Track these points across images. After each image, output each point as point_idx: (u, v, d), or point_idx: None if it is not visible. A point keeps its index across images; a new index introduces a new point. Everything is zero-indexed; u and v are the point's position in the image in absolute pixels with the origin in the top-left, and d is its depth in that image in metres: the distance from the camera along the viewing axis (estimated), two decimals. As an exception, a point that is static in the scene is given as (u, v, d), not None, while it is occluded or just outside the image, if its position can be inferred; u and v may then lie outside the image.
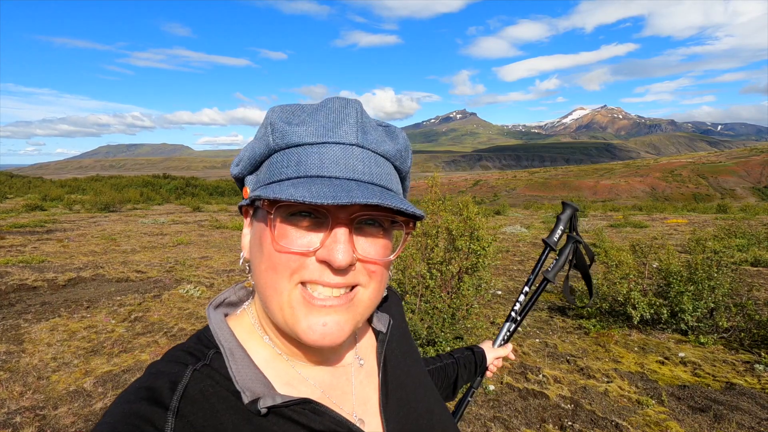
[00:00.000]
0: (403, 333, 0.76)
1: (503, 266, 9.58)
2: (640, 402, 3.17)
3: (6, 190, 38.55)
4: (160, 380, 0.49)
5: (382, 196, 0.46)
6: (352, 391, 0.61)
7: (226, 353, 0.53)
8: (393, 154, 0.55)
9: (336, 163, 0.48)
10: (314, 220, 0.49)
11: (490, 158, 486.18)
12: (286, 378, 0.55)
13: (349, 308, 0.51)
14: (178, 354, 0.54)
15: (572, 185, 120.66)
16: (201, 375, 0.51)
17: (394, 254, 0.54)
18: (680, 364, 4.03)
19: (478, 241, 5.13)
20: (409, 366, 0.71)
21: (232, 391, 0.50)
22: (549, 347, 4.41)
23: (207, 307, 0.61)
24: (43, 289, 6.35)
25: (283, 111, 0.53)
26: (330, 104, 0.53)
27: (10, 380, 3.43)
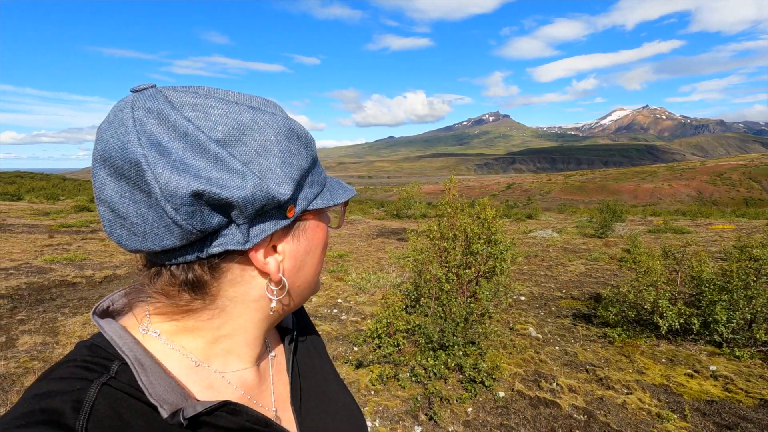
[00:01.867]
0: (306, 329, 0.78)
1: (530, 271, 9.34)
2: (660, 416, 3.00)
3: (59, 192, 41.19)
4: (58, 400, 0.42)
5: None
6: (269, 387, 0.62)
7: (134, 364, 0.47)
8: None
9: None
10: None
11: (524, 161, 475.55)
12: (207, 382, 0.53)
13: None
14: (71, 370, 0.46)
15: (611, 189, 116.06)
16: (110, 389, 0.45)
17: (340, 224, 0.63)
18: (711, 377, 3.79)
19: (495, 244, 5.03)
20: (314, 361, 0.74)
21: (147, 403, 0.46)
22: (568, 355, 4.26)
23: (91, 316, 0.54)
24: (81, 285, 6.74)
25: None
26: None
27: (43, 369, 3.66)
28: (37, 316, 5.15)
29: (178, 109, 0.42)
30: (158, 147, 0.40)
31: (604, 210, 25.09)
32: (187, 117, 0.41)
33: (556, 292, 7.22)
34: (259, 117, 0.46)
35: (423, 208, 24.29)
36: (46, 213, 20.09)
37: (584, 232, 18.26)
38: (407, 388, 3.38)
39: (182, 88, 0.44)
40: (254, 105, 0.47)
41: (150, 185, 0.40)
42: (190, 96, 0.43)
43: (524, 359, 4.07)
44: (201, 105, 0.43)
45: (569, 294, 7.08)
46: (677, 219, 25.12)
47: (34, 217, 17.76)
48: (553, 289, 7.46)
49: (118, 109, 0.42)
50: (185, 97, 0.43)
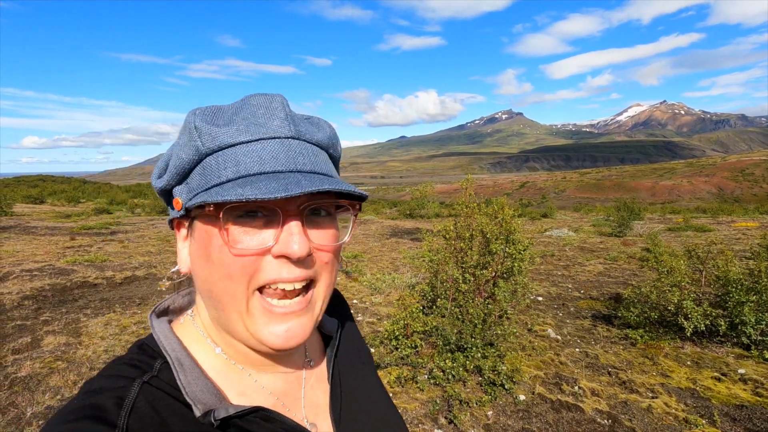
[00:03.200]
0: (352, 337, 0.76)
1: (546, 271, 9.21)
2: (688, 421, 2.91)
3: (79, 195, 42.18)
4: (102, 397, 0.46)
5: (330, 183, 0.46)
6: (305, 395, 0.61)
7: (174, 363, 0.51)
8: (326, 142, 0.55)
9: (276, 158, 0.48)
10: (264, 219, 0.48)
11: (538, 159, 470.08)
12: (240, 387, 0.55)
13: (307, 310, 0.51)
14: (119, 368, 0.51)
15: (627, 186, 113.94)
16: (150, 388, 0.48)
17: (346, 237, 0.54)
18: (739, 381, 3.67)
19: (513, 244, 4.96)
20: (358, 370, 0.70)
21: (183, 403, 0.49)
22: (589, 357, 4.17)
23: (149, 314, 0.58)
24: (102, 286, 6.87)
25: (204, 114, 0.51)
26: (253, 101, 0.52)
27: (67, 370, 3.73)
28: (60, 316, 5.26)
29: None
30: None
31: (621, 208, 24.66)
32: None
33: (574, 293, 7.10)
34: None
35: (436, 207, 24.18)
36: (68, 215, 20.59)
37: (601, 230, 17.97)
38: (426, 390, 3.34)
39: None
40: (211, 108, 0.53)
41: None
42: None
43: (544, 361, 4.00)
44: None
45: (588, 294, 6.95)
46: (697, 217, 24.53)
47: (56, 220, 18.22)
48: (571, 290, 7.33)
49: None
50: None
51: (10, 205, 19.71)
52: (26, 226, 15.11)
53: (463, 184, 5.19)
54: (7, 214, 18.77)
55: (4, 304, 5.68)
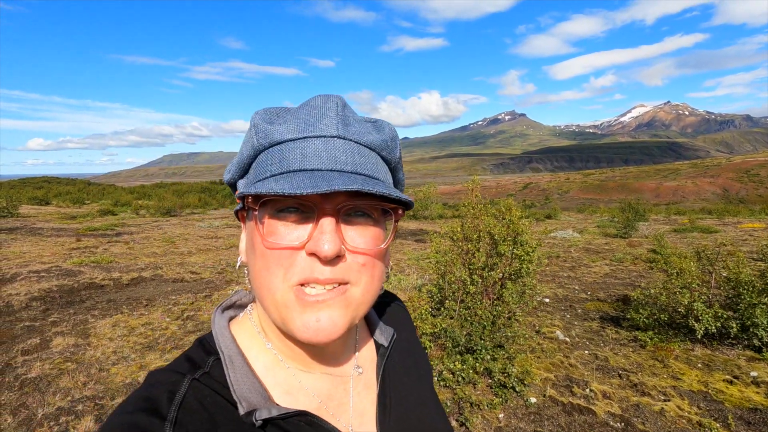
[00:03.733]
0: (410, 348, 0.74)
1: (552, 273, 9.18)
2: (702, 425, 2.88)
3: (84, 196, 42.42)
4: (158, 390, 0.49)
5: (363, 183, 0.46)
6: (349, 403, 0.60)
7: (226, 361, 0.53)
8: (378, 144, 0.54)
9: (317, 156, 0.49)
10: (301, 215, 0.49)
11: (541, 160, 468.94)
12: (286, 386, 0.55)
13: (341, 303, 0.50)
14: (179, 361, 0.54)
15: (631, 187, 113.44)
16: (199, 384, 0.51)
17: (385, 243, 0.54)
18: (752, 384, 3.64)
19: (521, 246, 4.94)
20: (412, 382, 0.69)
21: (230, 400, 0.50)
22: (599, 360, 4.14)
23: (214, 309, 0.61)
24: (109, 287, 6.89)
25: (266, 113, 0.54)
26: (312, 102, 0.54)
27: (76, 371, 3.74)
28: (68, 318, 5.28)
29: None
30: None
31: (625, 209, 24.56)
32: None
33: (581, 294, 7.06)
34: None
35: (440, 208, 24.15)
36: (73, 216, 20.68)
37: (606, 232, 17.91)
38: (436, 392, 3.33)
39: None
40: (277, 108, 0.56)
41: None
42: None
43: (554, 363, 3.97)
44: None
45: (595, 296, 6.91)
46: (703, 218, 24.41)
47: (62, 221, 18.30)
48: (578, 291, 7.30)
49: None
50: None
51: (16, 206, 19.83)
52: (32, 228, 15.19)
53: (470, 185, 5.17)
54: (13, 216, 18.88)
55: (12, 305, 5.70)
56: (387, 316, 0.76)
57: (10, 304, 5.76)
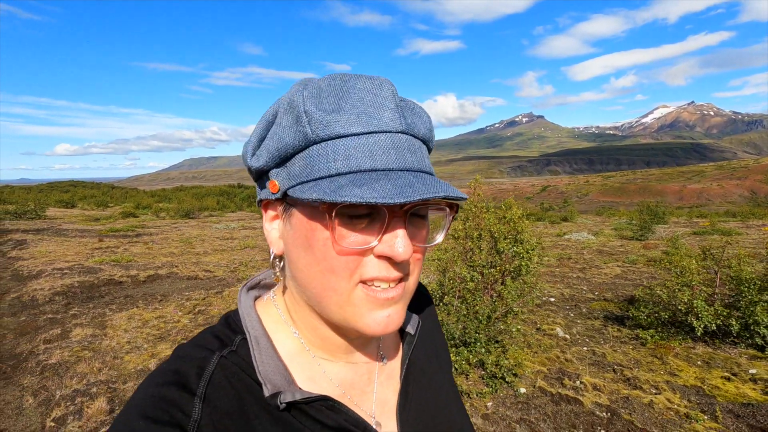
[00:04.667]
0: (433, 337, 0.73)
1: (562, 273, 9.14)
2: (689, 416, 2.92)
3: (108, 199, 43.77)
4: (187, 365, 0.50)
5: (442, 188, 0.45)
6: (373, 391, 0.60)
7: (252, 341, 0.53)
8: (428, 135, 0.53)
9: (387, 155, 0.46)
10: (369, 218, 0.48)
11: (560, 162, 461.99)
12: (309, 373, 0.56)
13: (402, 296, 0.51)
14: (206, 338, 0.55)
15: (653, 190, 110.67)
16: (227, 362, 0.52)
17: (441, 236, 0.54)
18: (750, 381, 3.63)
19: (521, 244, 5.01)
20: (434, 372, 0.69)
21: (256, 380, 0.51)
22: (596, 356, 4.18)
23: (240, 287, 0.61)
24: (127, 284, 7.20)
25: (312, 96, 0.48)
26: (359, 84, 0.49)
27: (93, 358, 3.98)
28: (88, 311, 5.57)
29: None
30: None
31: (644, 212, 24.10)
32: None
33: (588, 294, 7.04)
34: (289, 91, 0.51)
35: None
36: (96, 219, 21.44)
37: (622, 234, 17.63)
38: (429, 383, 3.44)
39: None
40: (302, 83, 0.51)
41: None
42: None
43: (549, 358, 4.03)
44: None
45: (602, 296, 6.89)
46: (726, 220, 23.76)
47: (86, 223, 19.01)
48: (585, 291, 7.28)
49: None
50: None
51: (43, 209, 20.70)
52: (58, 229, 15.84)
53: (472, 184, 5.26)
54: (41, 218, 19.70)
55: (37, 299, 6.03)
56: (411, 302, 0.72)
57: (35, 298, 6.10)
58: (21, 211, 19.53)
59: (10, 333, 4.81)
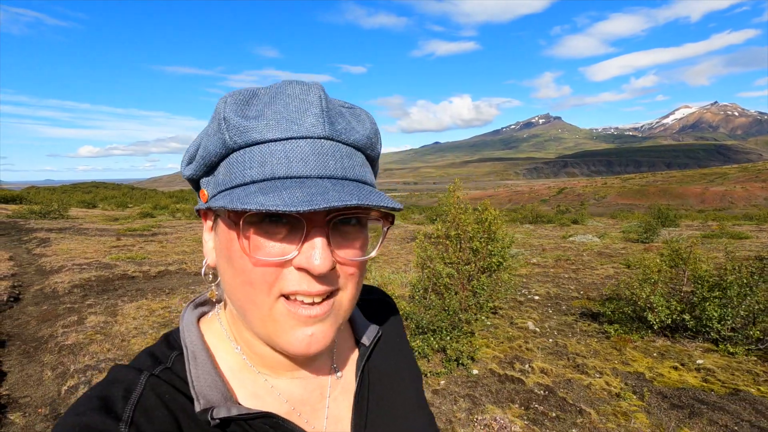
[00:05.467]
0: (396, 348, 0.70)
1: (555, 274, 9.41)
2: (619, 395, 3.26)
3: (127, 200, 45.21)
4: (114, 388, 0.47)
5: (359, 195, 0.43)
6: (325, 407, 0.58)
7: (189, 356, 0.51)
8: (363, 142, 0.50)
9: (305, 162, 0.45)
10: (287, 226, 0.46)
11: (577, 164, 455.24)
12: (253, 389, 0.53)
13: (331, 315, 0.49)
14: (141, 357, 0.53)
15: (674, 192, 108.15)
16: (158, 380, 0.49)
17: (375, 251, 0.52)
18: (694, 370, 3.93)
19: (495, 242, 5.37)
20: (396, 385, 0.66)
21: (190, 396, 0.49)
22: (558, 346, 4.52)
23: (186, 305, 0.58)
24: (139, 278, 7.78)
25: (236, 102, 0.47)
26: (288, 90, 0.48)
27: (103, 341, 4.50)
28: (102, 301, 6.13)
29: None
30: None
31: (655, 214, 23.92)
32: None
33: (573, 293, 7.32)
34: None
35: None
36: (116, 219, 22.40)
37: (628, 237, 17.65)
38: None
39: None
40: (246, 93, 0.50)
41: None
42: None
43: (511, 347, 4.39)
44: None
45: (586, 295, 7.16)
46: (741, 224, 23.45)
47: (105, 222, 19.93)
48: (572, 291, 7.56)
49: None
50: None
51: (66, 209, 21.75)
52: (79, 228, 16.71)
53: (451, 187, 5.65)
54: (63, 217, 20.72)
55: (57, 291, 6.63)
56: (372, 313, 0.71)
57: (56, 290, 6.70)
58: (45, 211, 20.58)
59: (34, 320, 5.39)
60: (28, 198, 31.98)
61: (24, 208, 22.59)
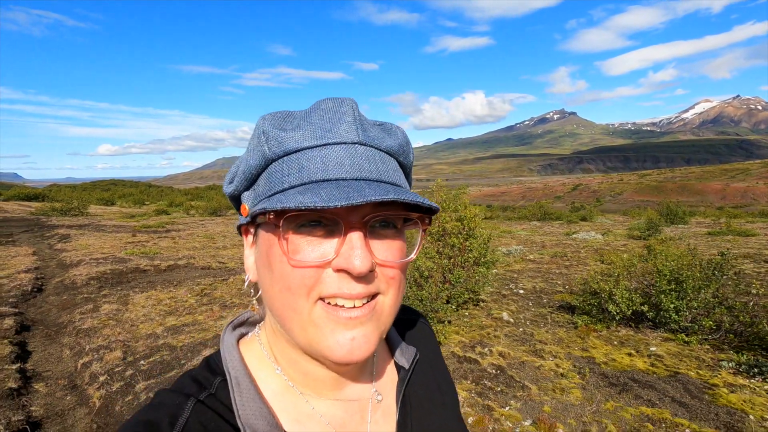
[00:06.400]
0: (433, 370, 0.71)
1: (547, 269, 9.70)
2: (563, 375, 3.64)
3: (144, 197, 46.53)
4: (160, 413, 0.48)
5: (396, 192, 0.44)
6: (367, 430, 0.58)
7: (232, 383, 0.51)
8: (396, 149, 0.53)
9: (340, 165, 0.47)
10: (325, 229, 0.47)
11: (593, 160, 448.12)
12: (295, 413, 0.54)
13: (372, 318, 0.49)
14: (184, 382, 0.53)
15: (693, 189, 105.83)
16: (203, 407, 0.49)
17: (414, 254, 0.52)
18: (646, 356, 4.27)
19: (474, 239, 5.77)
20: (435, 408, 0.65)
21: (235, 425, 0.49)
22: (525, 334, 4.89)
23: (225, 327, 0.59)
24: (150, 272, 8.37)
25: (274, 118, 0.51)
26: (323, 105, 0.51)
27: (115, 326, 5.04)
28: (115, 292, 6.71)
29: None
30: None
31: (664, 211, 23.83)
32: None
33: (558, 288, 7.64)
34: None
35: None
36: (132, 216, 23.30)
37: (632, 234, 17.75)
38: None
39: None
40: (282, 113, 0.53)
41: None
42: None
43: (480, 334, 4.79)
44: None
45: (570, 290, 7.47)
46: (753, 221, 23.23)
47: (122, 219, 20.80)
48: (558, 286, 7.87)
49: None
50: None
51: (85, 206, 22.73)
52: (97, 225, 17.54)
53: (434, 187, 6.05)
54: (83, 215, 21.68)
55: (76, 283, 7.25)
56: (409, 334, 0.72)
57: (75, 282, 7.32)
58: (66, 208, 21.57)
59: (55, 308, 5.99)
60: (50, 196, 33.33)
61: (46, 205, 23.73)
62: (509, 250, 12.64)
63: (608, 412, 3.05)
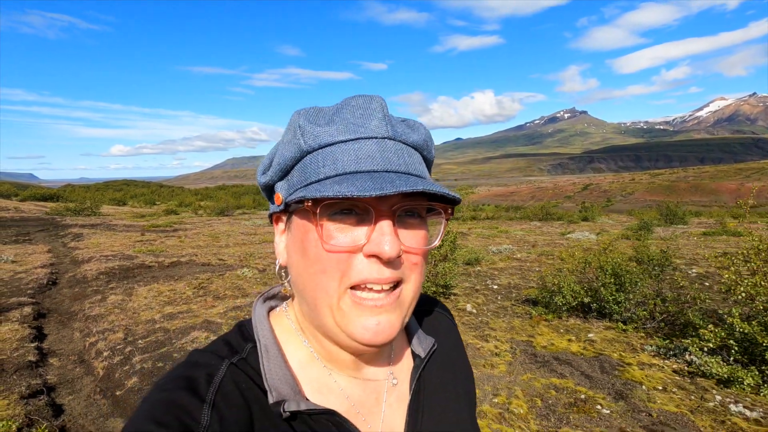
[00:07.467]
0: (451, 361, 0.73)
1: (529, 267, 10.17)
2: (497, 354, 4.21)
3: (156, 198, 47.70)
4: (197, 371, 0.52)
5: (424, 184, 0.48)
6: (381, 411, 0.61)
7: (261, 349, 0.56)
8: (420, 143, 0.57)
9: (372, 158, 0.50)
10: (357, 217, 0.51)
11: (604, 159, 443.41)
12: (318, 384, 0.58)
13: (396, 306, 0.53)
14: (218, 345, 0.58)
15: (707, 188, 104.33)
16: (236, 369, 0.54)
17: (437, 240, 0.57)
18: (582, 341, 4.81)
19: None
20: (449, 399, 0.68)
21: (263, 388, 0.53)
22: (480, 322, 5.46)
23: (256, 297, 0.64)
24: (154, 268, 9.09)
25: (308, 113, 0.54)
26: (353, 102, 0.55)
27: (119, 313, 5.73)
28: (122, 285, 7.42)
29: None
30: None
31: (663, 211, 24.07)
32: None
33: (532, 284, 8.15)
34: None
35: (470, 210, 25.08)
36: (142, 215, 24.23)
37: (626, 234, 18.08)
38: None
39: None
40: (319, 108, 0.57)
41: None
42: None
43: (439, 322, 5.36)
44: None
45: (542, 285, 7.99)
46: (756, 221, 23.33)
47: (133, 219, 21.71)
48: (532, 282, 8.38)
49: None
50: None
51: (98, 206, 23.72)
52: (109, 224, 18.42)
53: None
54: (95, 215, 22.65)
55: (87, 277, 7.98)
56: (428, 324, 0.75)
57: (86, 276, 8.05)
58: (79, 208, 22.55)
59: (67, 299, 6.71)
60: (64, 196, 34.54)
61: (60, 205, 24.79)
62: (499, 249, 13.04)
63: (522, 382, 3.62)
